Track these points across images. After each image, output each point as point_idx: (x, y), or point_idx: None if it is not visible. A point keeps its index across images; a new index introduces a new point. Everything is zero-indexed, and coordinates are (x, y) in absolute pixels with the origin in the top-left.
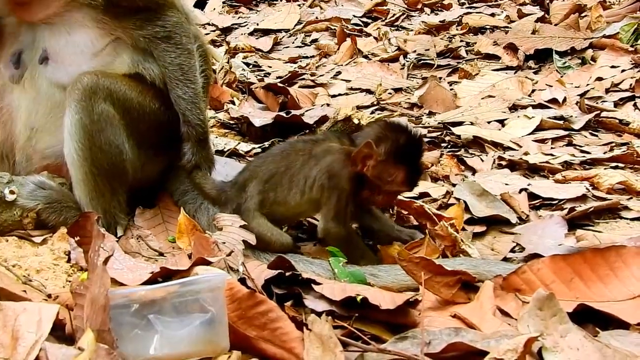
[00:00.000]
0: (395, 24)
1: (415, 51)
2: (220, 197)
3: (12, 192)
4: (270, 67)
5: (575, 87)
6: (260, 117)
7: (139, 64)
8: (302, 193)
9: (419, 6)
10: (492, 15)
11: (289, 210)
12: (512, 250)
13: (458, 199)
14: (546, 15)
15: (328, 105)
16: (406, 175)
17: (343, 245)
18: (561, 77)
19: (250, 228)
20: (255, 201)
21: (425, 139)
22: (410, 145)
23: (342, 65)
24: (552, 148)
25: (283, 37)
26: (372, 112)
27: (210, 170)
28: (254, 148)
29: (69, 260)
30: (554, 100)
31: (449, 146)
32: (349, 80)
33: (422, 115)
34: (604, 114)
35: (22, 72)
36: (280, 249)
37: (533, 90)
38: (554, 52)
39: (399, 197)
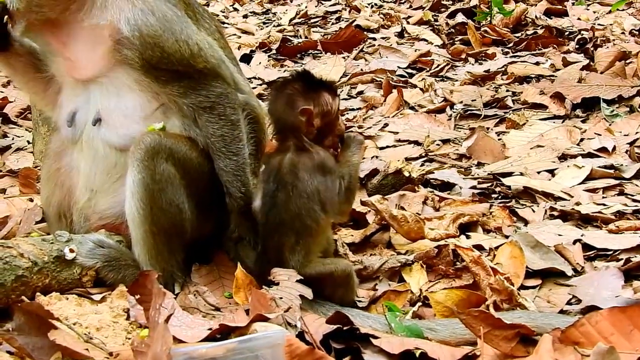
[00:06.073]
0: (440, 74)
1: (461, 102)
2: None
3: (71, 251)
4: None
5: (624, 135)
6: None
7: (190, 130)
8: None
9: (463, 56)
10: (537, 64)
11: (325, 233)
12: (569, 303)
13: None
14: (591, 63)
15: (377, 157)
16: None
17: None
18: (609, 125)
19: (308, 277)
20: (299, 258)
21: (476, 190)
22: None
23: (389, 117)
24: (603, 197)
25: None
26: (422, 164)
27: (255, 242)
28: None
29: (128, 318)
30: (603, 149)
31: (499, 197)
32: (397, 132)
33: (472, 166)
34: None
35: (76, 132)
36: (344, 274)
37: (582, 139)
38: (601, 100)
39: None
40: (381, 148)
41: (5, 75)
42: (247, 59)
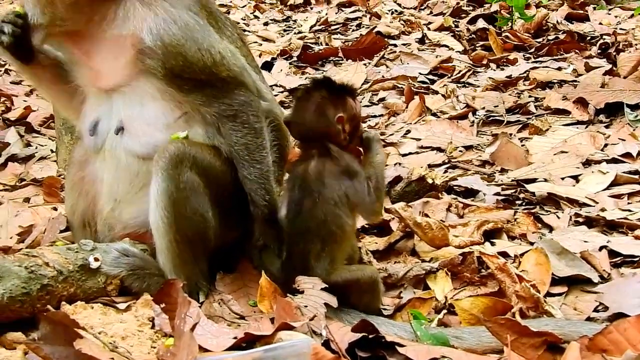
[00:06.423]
0: (462, 80)
1: (484, 108)
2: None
3: (96, 260)
4: None
5: None
6: None
7: (213, 138)
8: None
9: (484, 62)
10: (559, 69)
11: (350, 239)
12: (596, 310)
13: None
14: (614, 68)
15: (400, 164)
16: None
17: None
18: (633, 130)
19: (334, 284)
20: (325, 265)
21: (500, 197)
22: None
23: (411, 123)
24: (629, 203)
25: None
26: (445, 171)
27: (280, 250)
28: None
29: (153, 327)
30: (627, 155)
31: (523, 203)
32: (419, 139)
33: (495, 173)
34: None
35: (98, 141)
36: (370, 281)
37: (605, 145)
38: (625, 105)
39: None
40: (404, 155)
41: (29, 85)
42: (268, 66)
